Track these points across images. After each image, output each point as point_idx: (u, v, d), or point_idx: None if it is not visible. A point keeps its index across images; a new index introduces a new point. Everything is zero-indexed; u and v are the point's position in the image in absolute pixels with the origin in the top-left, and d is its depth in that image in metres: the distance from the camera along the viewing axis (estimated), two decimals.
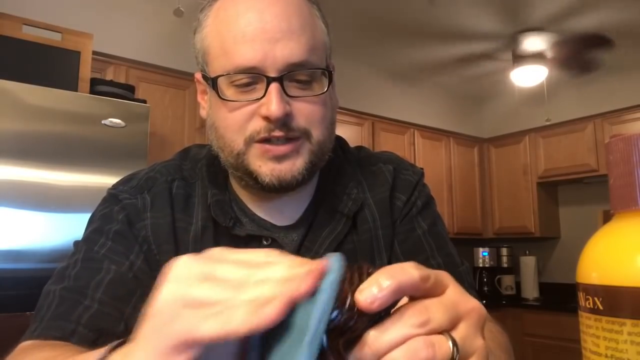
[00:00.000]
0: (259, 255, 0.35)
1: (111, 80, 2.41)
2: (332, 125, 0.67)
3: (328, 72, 0.64)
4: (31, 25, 2.09)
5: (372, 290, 0.31)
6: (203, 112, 0.71)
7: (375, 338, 0.31)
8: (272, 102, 0.59)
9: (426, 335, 0.31)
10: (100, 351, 0.40)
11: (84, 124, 1.97)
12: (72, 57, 2.15)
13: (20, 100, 1.85)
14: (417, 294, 0.33)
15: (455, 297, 0.34)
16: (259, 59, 0.59)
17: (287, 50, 0.60)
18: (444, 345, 0.31)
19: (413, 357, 0.30)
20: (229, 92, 0.62)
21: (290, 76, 0.61)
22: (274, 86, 0.59)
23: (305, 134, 0.63)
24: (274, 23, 0.60)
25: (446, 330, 0.32)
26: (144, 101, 2.29)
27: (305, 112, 0.62)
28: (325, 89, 0.63)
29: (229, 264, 0.34)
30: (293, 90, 0.61)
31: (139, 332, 0.34)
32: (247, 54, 0.59)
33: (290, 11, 0.61)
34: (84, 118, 1.98)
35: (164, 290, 0.33)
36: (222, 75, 0.61)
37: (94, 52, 2.31)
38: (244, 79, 0.61)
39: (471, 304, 0.34)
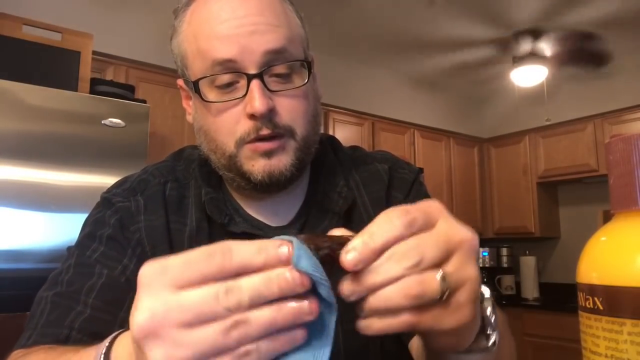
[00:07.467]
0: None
1: (111, 80, 2.41)
2: (315, 117, 0.67)
3: (307, 63, 0.64)
4: (31, 25, 2.09)
5: (356, 254, 0.33)
6: (189, 118, 0.71)
7: (370, 276, 0.34)
8: (255, 99, 0.59)
9: (417, 274, 0.34)
10: (100, 346, 0.40)
11: (84, 124, 1.97)
12: (72, 57, 2.15)
13: (20, 100, 1.85)
14: (407, 238, 0.35)
15: (446, 229, 0.36)
16: (235, 51, 0.59)
17: (263, 41, 0.60)
18: (433, 282, 0.34)
19: (406, 294, 0.34)
20: (211, 94, 0.62)
21: (270, 71, 0.61)
22: (255, 82, 0.59)
23: (290, 132, 0.63)
24: (248, 18, 0.60)
25: (438, 265, 0.35)
26: (144, 101, 2.29)
27: (288, 107, 0.62)
28: (306, 81, 0.63)
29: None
30: (274, 84, 0.61)
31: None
32: (222, 48, 0.60)
33: (262, 6, 0.62)
34: (84, 118, 1.98)
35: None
36: (203, 77, 0.61)
37: (94, 52, 2.30)
38: (224, 76, 0.61)
39: (462, 235, 0.36)
